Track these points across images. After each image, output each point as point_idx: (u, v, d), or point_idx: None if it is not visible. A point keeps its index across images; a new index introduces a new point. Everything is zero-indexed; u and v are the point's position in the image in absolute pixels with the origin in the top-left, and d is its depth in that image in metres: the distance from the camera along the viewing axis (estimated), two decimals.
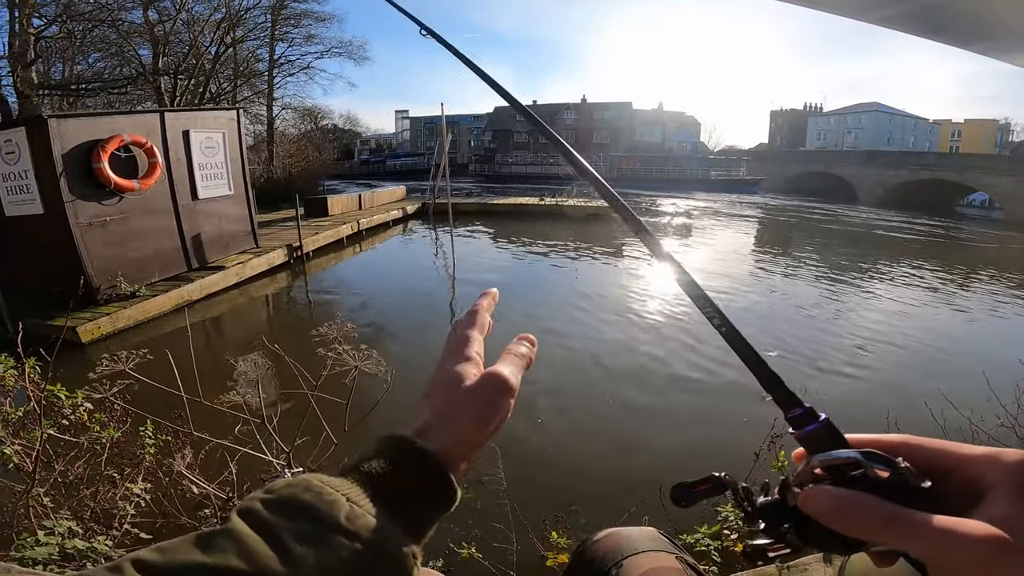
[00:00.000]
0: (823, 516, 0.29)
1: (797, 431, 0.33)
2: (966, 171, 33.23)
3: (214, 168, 9.33)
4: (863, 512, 0.27)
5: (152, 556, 0.30)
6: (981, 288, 11.25)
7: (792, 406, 0.34)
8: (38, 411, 2.07)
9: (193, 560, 0.30)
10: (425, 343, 6.84)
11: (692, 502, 0.37)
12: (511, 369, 0.45)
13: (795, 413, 0.34)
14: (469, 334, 0.47)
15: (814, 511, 0.29)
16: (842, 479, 0.30)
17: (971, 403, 3.53)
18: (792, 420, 0.34)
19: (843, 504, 0.28)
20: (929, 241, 18.92)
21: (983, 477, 0.29)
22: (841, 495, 0.29)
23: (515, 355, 0.47)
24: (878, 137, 51.47)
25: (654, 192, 35.32)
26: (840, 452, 0.31)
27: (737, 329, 0.39)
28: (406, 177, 37.48)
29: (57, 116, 7.00)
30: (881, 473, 0.29)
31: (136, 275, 7.57)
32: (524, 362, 0.47)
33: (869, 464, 0.29)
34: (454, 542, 2.56)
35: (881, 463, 0.29)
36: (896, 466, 0.29)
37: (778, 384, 0.36)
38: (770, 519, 0.33)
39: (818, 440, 0.32)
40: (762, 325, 7.52)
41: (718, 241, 17.03)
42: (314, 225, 13.59)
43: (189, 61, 20.32)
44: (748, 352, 0.38)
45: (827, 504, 0.29)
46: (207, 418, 2.47)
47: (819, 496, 0.29)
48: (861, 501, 0.28)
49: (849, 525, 0.28)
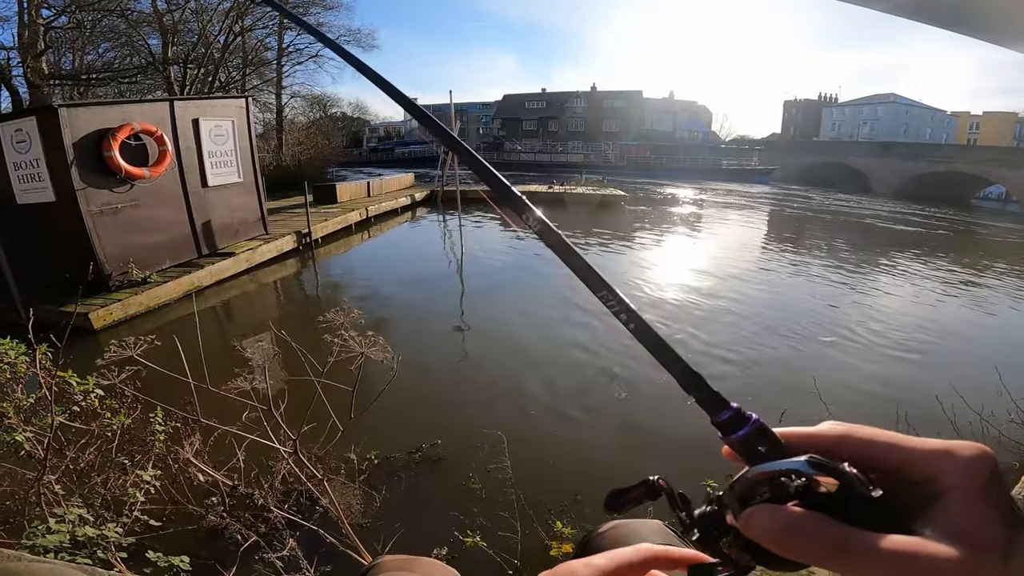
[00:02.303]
0: (767, 542, 0.26)
1: (726, 437, 0.30)
2: (983, 164, 32.63)
3: (224, 156, 9.36)
4: (811, 538, 0.25)
5: None
6: (996, 282, 11.09)
7: (718, 409, 0.30)
8: (49, 398, 2.08)
9: None
10: (432, 330, 6.86)
11: (625, 509, 0.34)
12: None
13: (722, 417, 0.30)
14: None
15: (757, 536, 0.26)
16: (784, 492, 0.26)
17: (982, 398, 3.50)
18: (720, 425, 0.30)
19: (789, 529, 0.25)
20: (945, 234, 18.64)
21: (937, 477, 0.26)
22: (786, 519, 0.25)
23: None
24: (894, 128, 50.61)
25: (664, 181, 35.04)
26: (781, 463, 0.27)
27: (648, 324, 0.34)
28: (415, 164, 37.33)
29: (68, 105, 7.05)
30: (827, 485, 0.26)
31: (147, 261, 7.64)
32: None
33: (813, 474, 0.26)
34: (459, 530, 2.58)
35: (826, 472, 0.26)
36: (843, 475, 0.26)
37: (700, 384, 0.31)
38: (707, 532, 0.30)
39: (750, 444, 0.29)
40: (772, 315, 7.46)
41: (727, 230, 16.87)
42: (323, 212, 13.61)
43: (198, 50, 20.32)
44: (662, 349, 0.33)
45: (771, 529, 0.26)
46: (216, 404, 2.49)
47: (762, 520, 0.26)
48: (809, 525, 0.25)
49: (796, 552, 0.25)
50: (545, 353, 5.95)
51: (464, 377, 5.51)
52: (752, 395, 4.99)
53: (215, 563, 2.27)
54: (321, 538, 2.33)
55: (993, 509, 0.25)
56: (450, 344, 6.43)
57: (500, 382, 5.27)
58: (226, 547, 2.47)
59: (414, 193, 19.14)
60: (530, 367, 5.59)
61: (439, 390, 5.08)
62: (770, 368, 5.75)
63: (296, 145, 24.29)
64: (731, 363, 5.80)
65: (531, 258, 10.75)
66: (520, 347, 6.18)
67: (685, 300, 8.20)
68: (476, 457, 3.70)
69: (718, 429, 0.30)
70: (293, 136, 24.98)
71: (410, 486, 3.48)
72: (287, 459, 2.48)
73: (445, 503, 3.27)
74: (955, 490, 0.25)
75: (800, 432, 0.30)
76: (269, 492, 2.63)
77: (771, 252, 13.62)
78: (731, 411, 0.30)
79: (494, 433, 3.73)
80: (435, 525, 2.96)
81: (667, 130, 52.62)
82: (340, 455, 3.14)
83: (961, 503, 0.25)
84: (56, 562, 1.60)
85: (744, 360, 5.89)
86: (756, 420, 0.30)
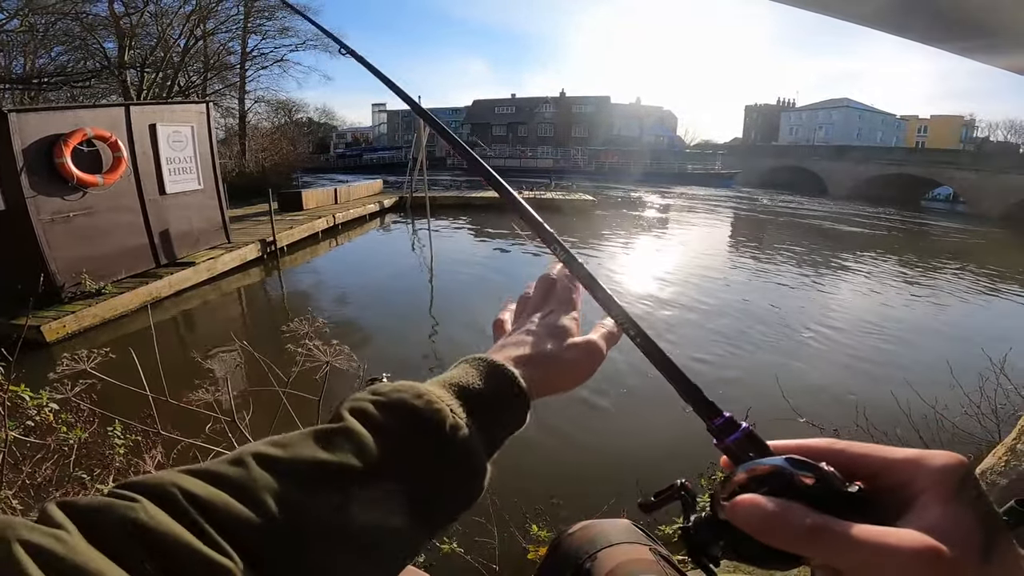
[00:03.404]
0: (751, 527, 0.27)
1: (720, 442, 0.33)
2: (932, 166, 34.24)
3: (182, 162, 9.08)
4: (789, 520, 0.26)
5: (274, 451, 0.32)
6: (945, 279, 11.62)
7: (713, 416, 0.33)
8: (2, 412, 1.99)
9: (315, 457, 0.32)
10: (401, 337, 6.79)
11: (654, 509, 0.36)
12: (604, 344, 0.48)
13: (716, 423, 0.33)
14: (575, 298, 0.51)
15: (742, 522, 0.27)
16: (767, 488, 0.28)
17: (936, 392, 3.64)
18: (714, 431, 0.33)
19: (770, 513, 0.26)
20: (895, 234, 19.45)
21: (911, 483, 0.27)
22: (768, 503, 0.27)
23: (607, 330, 0.49)
24: (848, 132, 52.68)
25: (632, 185, 35.60)
26: (764, 460, 0.30)
27: (651, 338, 0.38)
28: (383, 171, 37.00)
29: (17, 110, 6.75)
30: (806, 480, 0.28)
31: (102, 272, 7.35)
32: (613, 340, 0.49)
33: (793, 471, 0.28)
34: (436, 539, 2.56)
35: (805, 469, 0.28)
36: (821, 471, 0.28)
37: (697, 394, 0.35)
38: (704, 535, 0.32)
39: (741, 450, 0.32)
40: (734, 316, 7.65)
41: (693, 234, 17.25)
42: (288, 219, 13.33)
43: (157, 54, 19.73)
44: (665, 363, 0.37)
45: (755, 513, 0.27)
46: (178, 417, 2.41)
47: (746, 505, 0.27)
48: (787, 509, 0.26)
49: (777, 535, 0.26)
50: None
51: None
52: (716, 395, 5.10)
53: None
54: None
55: (968, 509, 0.25)
56: (420, 351, 6.37)
57: None
58: None
59: (383, 200, 18.94)
60: None
61: None
62: (733, 368, 5.88)
63: (260, 151, 23.76)
64: (698, 363, 5.91)
65: (502, 264, 10.77)
66: None
67: (653, 303, 8.34)
68: None
69: (712, 435, 0.33)
70: (257, 142, 24.42)
71: None
72: None
73: None
74: (927, 492, 0.26)
75: (788, 444, 0.32)
76: None
77: (733, 255, 13.99)
78: (724, 419, 0.33)
79: None
80: None
81: (634, 135, 53.60)
82: None
83: (934, 503, 0.26)
84: None
85: (708, 361, 6.01)
86: (746, 428, 0.32)
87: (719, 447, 0.33)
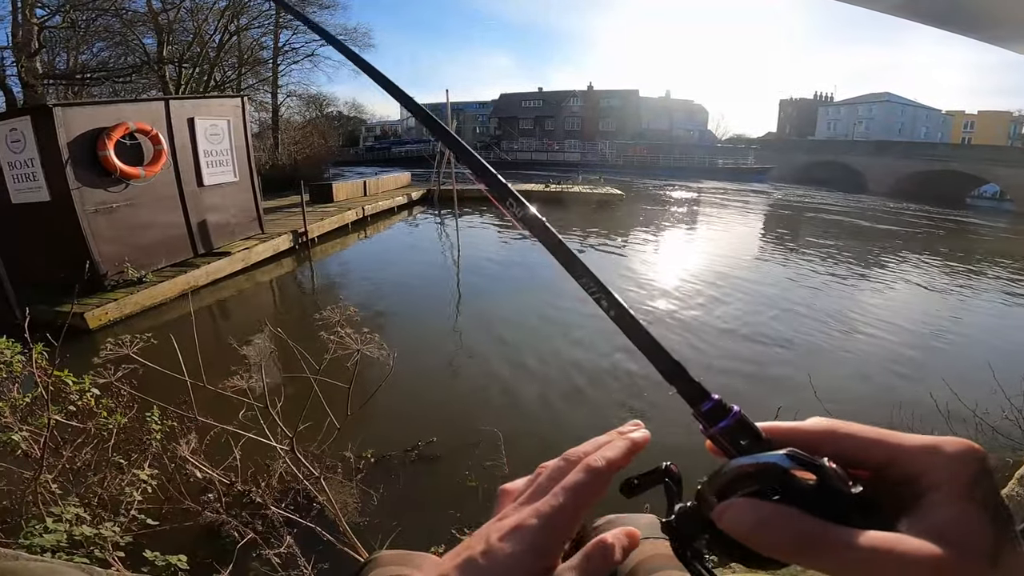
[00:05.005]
0: (738, 534, 0.25)
1: (707, 429, 0.29)
2: (978, 163, 32.77)
3: (219, 155, 9.34)
4: (785, 530, 0.24)
5: None
6: (990, 279, 11.15)
7: (700, 400, 0.30)
8: (46, 397, 2.08)
9: None
10: (428, 328, 6.87)
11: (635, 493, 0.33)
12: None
13: (704, 407, 0.29)
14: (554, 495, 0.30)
15: (731, 529, 0.25)
16: (760, 487, 0.26)
17: (977, 395, 3.52)
18: (701, 415, 0.30)
19: (763, 522, 0.24)
20: (938, 232, 18.73)
21: (923, 475, 0.25)
22: (760, 511, 0.25)
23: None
24: (889, 127, 50.79)
25: (661, 180, 35.08)
26: (759, 457, 0.27)
27: (631, 313, 0.32)
28: (411, 164, 37.24)
29: (62, 105, 7.02)
30: (805, 479, 0.25)
31: (143, 261, 7.62)
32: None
33: (790, 468, 0.25)
34: (455, 528, 2.58)
35: (805, 466, 0.25)
36: (821, 469, 0.25)
37: (681, 374, 0.31)
38: (686, 528, 0.29)
39: (731, 436, 0.29)
40: (769, 314, 7.49)
41: (725, 230, 16.91)
42: (319, 211, 13.58)
43: (193, 49, 20.25)
44: (645, 338, 0.32)
45: (746, 522, 0.25)
46: (212, 403, 2.49)
47: (736, 513, 0.25)
48: (783, 518, 0.24)
49: (765, 545, 0.24)
50: (541, 351, 5.96)
51: (460, 375, 5.52)
52: (746, 392, 5.01)
53: (212, 561, 2.27)
54: (318, 536, 2.33)
55: (980, 508, 0.23)
56: (446, 342, 6.43)
57: (496, 380, 5.28)
58: (223, 545, 2.47)
59: (410, 192, 19.11)
60: (526, 365, 5.60)
61: (435, 388, 5.08)
62: (766, 366, 5.77)
63: (292, 144, 24.21)
64: (732, 360, 5.82)
65: (527, 257, 10.75)
66: (516, 345, 6.19)
67: (684, 301, 8.22)
68: (472, 455, 3.71)
69: (699, 420, 0.30)
70: (289, 135, 24.91)
71: (406, 484, 3.49)
72: (284, 457, 2.48)
73: (442, 501, 3.28)
74: (940, 488, 0.24)
75: (783, 426, 0.30)
76: (266, 490, 2.63)
77: (768, 252, 13.67)
78: (712, 402, 0.29)
79: (490, 430, 3.74)
80: (432, 523, 2.97)
81: (663, 129, 52.67)
82: (336, 453, 3.15)
83: (945, 501, 0.24)
84: (54, 561, 1.60)
85: (742, 358, 5.91)
86: (737, 412, 0.29)
87: (706, 434, 0.29)
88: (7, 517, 2.13)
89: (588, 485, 0.30)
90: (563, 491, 0.30)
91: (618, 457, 0.32)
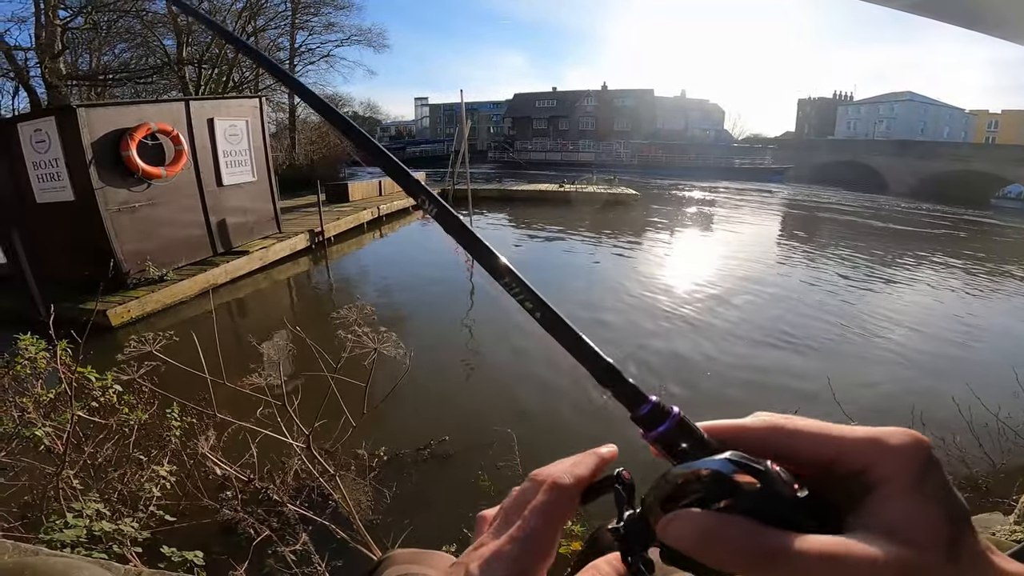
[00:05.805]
0: (682, 547, 0.24)
1: (646, 433, 0.28)
2: (1002, 163, 32.06)
3: (238, 155, 9.47)
4: (730, 542, 0.23)
5: None
6: (1015, 281, 10.89)
7: (636, 403, 0.28)
8: (69, 393, 2.12)
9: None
10: (444, 327, 6.89)
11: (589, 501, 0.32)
12: None
13: (642, 411, 0.28)
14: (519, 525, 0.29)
15: (676, 544, 0.24)
16: (703, 495, 0.24)
17: (999, 399, 3.45)
18: (639, 420, 0.28)
19: (706, 535, 0.23)
20: (961, 233, 18.33)
21: (869, 469, 0.24)
22: (702, 524, 0.23)
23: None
24: (911, 127, 49.83)
25: (677, 179, 34.81)
26: (699, 463, 0.25)
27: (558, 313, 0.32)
28: (426, 164, 37.46)
29: (86, 105, 7.17)
30: (747, 484, 0.24)
31: (164, 259, 7.76)
32: None
33: (732, 473, 0.24)
34: (468, 527, 2.59)
35: (746, 469, 0.24)
36: (765, 474, 0.24)
37: (616, 377, 0.29)
38: (635, 538, 0.28)
39: (672, 441, 0.27)
40: (788, 318, 7.40)
41: (742, 230, 16.72)
42: (335, 211, 13.70)
43: (212, 50, 20.54)
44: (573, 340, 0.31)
45: (689, 536, 0.24)
46: (230, 400, 2.52)
47: (677, 526, 0.24)
48: (727, 528, 0.23)
49: (716, 559, 0.23)
50: (557, 351, 5.92)
51: (473, 375, 5.53)
52: (763, 397, 4.96)
53: (228, 557, 2.31)
54: (332, 533, 2.36)
55: (931, 501, 0.22)
56: (461, 341, 6.45)
57: (510, 380, 5.29)
58: (239, 541, 2.51)
59: None
60: (540, 365, 5.59)
61: (449, 387, 5.10)
62: (783, 370, 5.70)
63: (308, 144, 24.46)
64: (745, 366, 5.76)
65: (544, 257, 10.75)
66: (531, 345, 6.18)
67: (697, 304, 8.16)
68: (485, 455, 3.72)
69: (638, 425, 0.28)
70: (306, 135, 25.15)
71: (420, 483, 3.51)
72: (300, 454, 2.50)
73: (455, 500, 3.29)
74: (888, 482, 0.23)
75: (725, 426, 0.28)
76: (282, 487, 2.66)
77: (785, 253, 13.49)
78: (650, 405, 0.28)
79: (503, 430, 3.74)
80: (445, 522, 2.98)
81: (679, 129, 52.26)
82: (351, 451, 3.17)
83: (895, 495, 0.23)
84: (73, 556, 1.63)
85: (757, 363, 5.85)
86: (677, 414, 0.28)
87: (646, 439, 0.28)
88: (29, 512, 2.18)
89: (557, 504, 0.30)
90: (533, 513, 0.29)
91: (586, 474, 0.31)
